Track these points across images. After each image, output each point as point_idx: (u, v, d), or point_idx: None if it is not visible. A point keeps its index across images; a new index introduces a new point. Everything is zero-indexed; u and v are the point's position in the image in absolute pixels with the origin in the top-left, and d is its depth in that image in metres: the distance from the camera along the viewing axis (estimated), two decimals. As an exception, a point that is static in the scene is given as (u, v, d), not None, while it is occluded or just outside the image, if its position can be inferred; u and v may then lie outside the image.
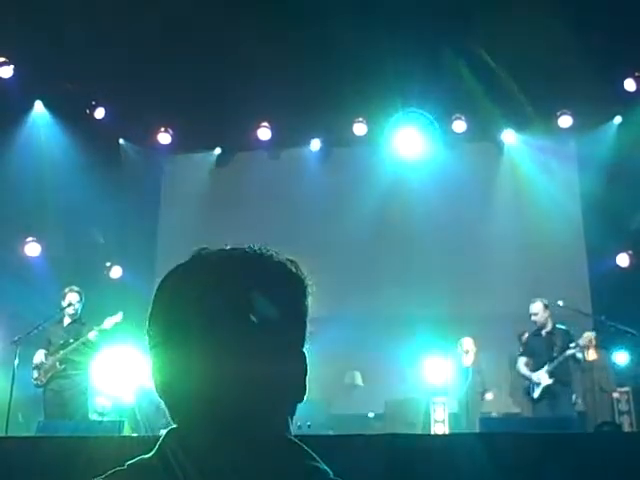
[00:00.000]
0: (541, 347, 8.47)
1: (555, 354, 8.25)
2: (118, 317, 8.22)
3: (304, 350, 1.10)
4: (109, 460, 1.08)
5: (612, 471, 4.14)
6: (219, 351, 1.02)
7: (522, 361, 8.64)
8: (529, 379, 8.40)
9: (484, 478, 4.02)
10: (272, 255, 1.12)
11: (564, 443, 4.52)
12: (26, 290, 9.15)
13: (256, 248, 1.12)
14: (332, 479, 1.03)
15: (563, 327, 8.49)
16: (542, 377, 8.26)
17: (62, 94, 10.67)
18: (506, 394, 9.70)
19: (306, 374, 1.09)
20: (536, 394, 8.27)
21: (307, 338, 1.11)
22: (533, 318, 8.53)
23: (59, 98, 10.68)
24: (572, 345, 8.19)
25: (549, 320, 8.50)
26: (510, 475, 4.07)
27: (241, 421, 1.02)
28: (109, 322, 8.18)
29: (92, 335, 8.10)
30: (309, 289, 1.12)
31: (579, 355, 8.29)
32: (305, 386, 1.08)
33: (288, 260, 1.13)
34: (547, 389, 8.22)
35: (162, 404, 1.08)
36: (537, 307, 8.49)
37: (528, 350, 8.70)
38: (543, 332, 8.51)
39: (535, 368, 8.42)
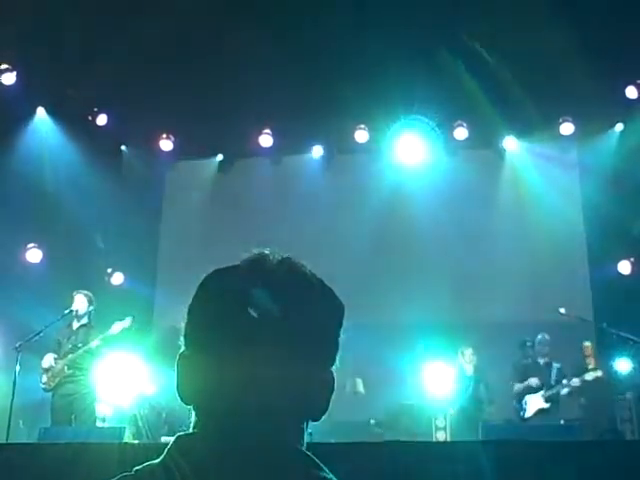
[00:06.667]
0: (538, 373, 9.04)
1: (553, 383, 8.89)
2: (127, 322, 8.13)
3: (333, 370, 1.10)
4: (110, 467, 1.08)
5: (614, 479, 4.13)
6: (246, 364, 1.01)
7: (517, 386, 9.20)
8: (520, 403, 8.96)
9: (486, 486, 4.01)
10: (315, 276, 1.11)
11: (566, 450, 4.51)
12: (27, 296, 9.14)
13: (297, 265, 1.11)
14: None
15: (557, 363, 9.17)
16: (538, 401, 8.84)
17: (64, 100, 10.70)
18: (508, 401, 9.67)
19: (331, 393, 1.08)
20: (528, 414, 8.81)
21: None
22: (539, 347, 9.19)
23: (61, 104, 10.71)
24: (565, 382, 8.82)
25: (549, 353, 9.21)
26: (512, 483, 4.06)
27: (246, 433, 1.01)
28: (117, 327, 8.08)
29: (94, 344, 8.00)
30: (343, 314, 1.12)
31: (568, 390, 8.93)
32: (327, 406, 1.08)
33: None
34: (540, 410, 8.80)
35: (163, 411, 1.08)
36: (544, 340, 9.19)
37: (526, 374, 9.13)
38: (541, 361, 9.17)
39: (529, 391, 8.97)
